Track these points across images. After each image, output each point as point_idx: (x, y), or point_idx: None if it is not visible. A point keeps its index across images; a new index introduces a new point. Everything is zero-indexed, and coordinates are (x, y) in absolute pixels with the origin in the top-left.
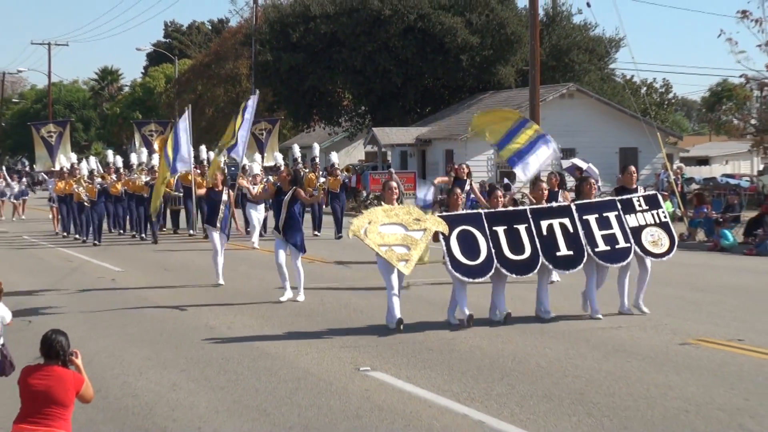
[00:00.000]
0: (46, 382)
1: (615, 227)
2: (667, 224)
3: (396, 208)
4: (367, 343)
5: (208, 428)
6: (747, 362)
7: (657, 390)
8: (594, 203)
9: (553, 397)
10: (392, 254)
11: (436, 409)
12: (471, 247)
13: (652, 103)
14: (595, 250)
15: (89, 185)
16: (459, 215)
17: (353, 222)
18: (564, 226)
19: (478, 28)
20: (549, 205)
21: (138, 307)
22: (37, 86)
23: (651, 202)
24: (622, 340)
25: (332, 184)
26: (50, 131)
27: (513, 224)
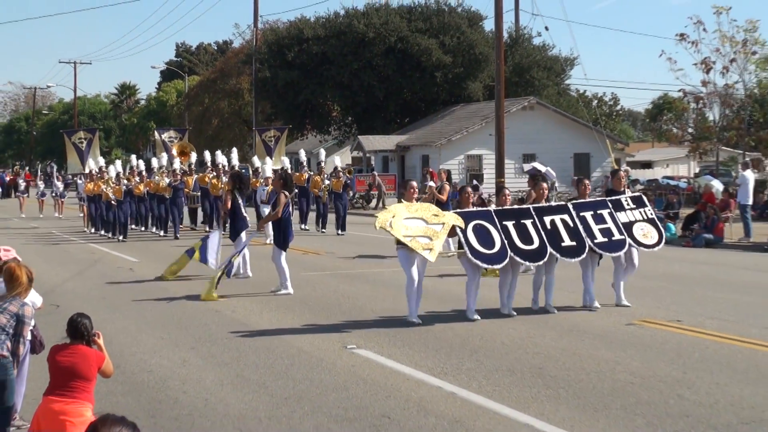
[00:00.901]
0: (71, 359)
1: (609, 222)
2: (654, 220)
3: (415, 205)
4: (353, 324)
5: (214, 399)
6: (684, 340)
7: (606, 365)
8: (588, 202)
9: (515, 371)
10: (417, 244)
11: (413, 382)
12: (486, 238)
13: (602, 114)
14: (594, 242)
15: (116, 186)
16: (472, 212)
17: (378, 216)
18: (565, 221)
19: (450, 48)
20: (549, 204)
21: (152, 294)
22: (64, 99)
23: (637, 202)
24: (575, 321)
25: (335, 185)
26: (80, 138)
27: (520, 220)
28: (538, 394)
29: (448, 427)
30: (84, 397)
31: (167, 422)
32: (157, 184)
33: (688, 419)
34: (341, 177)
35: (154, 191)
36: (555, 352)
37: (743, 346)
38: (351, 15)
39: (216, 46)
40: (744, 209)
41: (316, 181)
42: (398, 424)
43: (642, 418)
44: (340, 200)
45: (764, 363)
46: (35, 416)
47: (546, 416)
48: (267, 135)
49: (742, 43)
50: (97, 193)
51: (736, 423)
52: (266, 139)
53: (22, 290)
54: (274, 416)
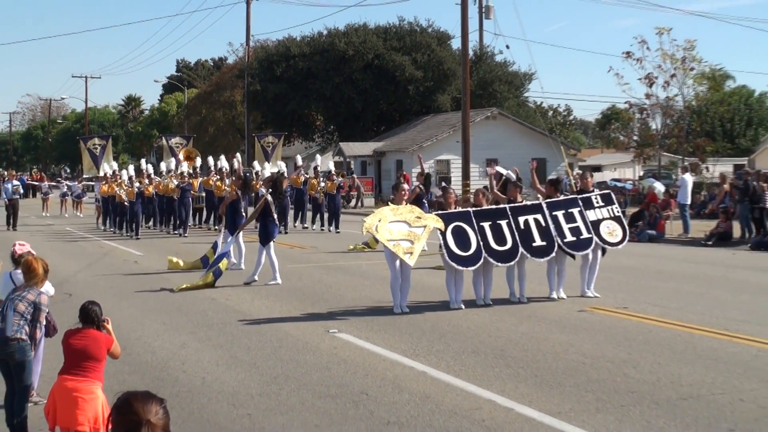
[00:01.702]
0: (83, 342)
1: (579, 221)
2: (620, 218)
3: (401, 208)
4: (335, 310)
5: (210, 378)
6: (630, 325)
7: (561, 347)
8: (561, 201)
9: (479, 353)
10: (399, 248)
11: (389, 362)
12: (463, 240)
13: (557, 123)
14: (564, 241)
15: (129, 188)
16: (452, 213)
17: (366, 220)
18: (537, 221)
19: (421, 65)
20: (524, 203)
21: (155, 284)
22: (76, 110)
23: (606, 199)
24: (533, 308)
25: (329, 187)
26: (95, 144)
27: (496, 220)
28: (500, 373)
29: (419, 402)
30: (95, 376)
31: (169, 398)
32: (166, 186)
33: (633, 395)
34: (335, 179)
35: (163, 193)
36: (515, 335)
37: (682, 330)
38: (333, 34)
39: (212, 62)
40: (683, 208)
41: (313, 183)
42: (375, 399)
43: (592, 394)
44: (333, 201)
45: (701, 345)
46: (51, 393)
47: (507, 392)
48: (265, 141)
49: (681, 61)
50: (111, 195)
51: (675, 398)
52: (264, 145)
53: (39, 280)
54: (264, 393)
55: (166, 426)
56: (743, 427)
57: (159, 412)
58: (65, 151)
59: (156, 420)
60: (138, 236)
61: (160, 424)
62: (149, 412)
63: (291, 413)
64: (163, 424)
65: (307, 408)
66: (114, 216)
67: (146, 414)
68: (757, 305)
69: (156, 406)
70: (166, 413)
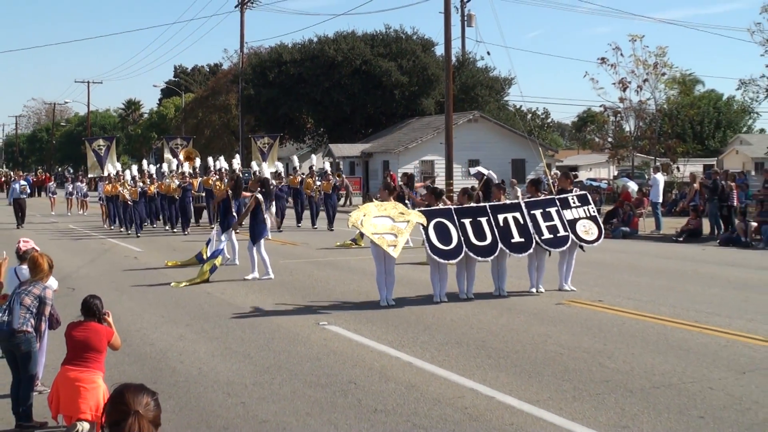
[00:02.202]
0: (85, 334)
1: (556, 219)
2: (596, 218)
3: (385, 204)
4: (325, 304)
5: (206, 368)
6: (605, 317)
7: (539, 338)
8: (539, 201)
9: (462, 344)
10: (383, 240)
11: (376, 353)
12: (444, 235)
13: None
14: (541, 238)
15: (132, 188)
16: (435, 210)
17: (352, 214)
18: (516, 219)
19: (407, 70)
20: (504, 202)
21: (153, 279)
22: (79, 113)
23: (582, 200)
24: (513, 302)
25: (325, 187)
26: (100, 145)
27: (477, 217)
28: (481, 363)
29: (405, 391)
30: (96, 367)
31: (167, 388)
32: (168, 186)
33: (608, 384)
34: (331, 179)
35: (165, 192)
36: (495, 327)
37: (655, 322)
38: (323, 42)
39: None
40: (655, 206)
41: (309, 183)
42: (363, 388)
43: (569, 383)
44: (329, 200)
45: (673, 336)
46: (54, 382)
47: (488, 382)
48: (262, 142)
49: (654, 66)
50: (115, 194)
51: (648, 387)
52: (261, 146)
53: (44, 275)
54: (257, 382)
55: (156, 418)
56: (712, 414)
57: (150, 404)
58: (68, 153)
59: (145, 412)
60: (139, 234)
61: (149, 416)
62: (139, 404)
63: (283, 402)
64: (153, 417)
65: (298, 397)
66: (117, 215)
67: (135, 405)
68: (725, 298)
69: (147, 398)
70: (157, 406)
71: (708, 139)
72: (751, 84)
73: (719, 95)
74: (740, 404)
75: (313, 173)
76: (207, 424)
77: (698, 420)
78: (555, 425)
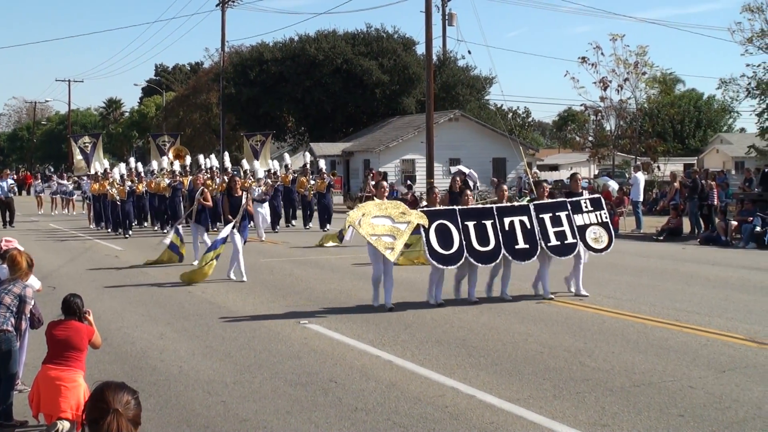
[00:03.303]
0: (66, 333)
1: (565, 225)
2: (607, 224)
3: (386, 203)
4: (305, 302)
5: (187, 367)
6: (585, 316)
7: (520, 337)
8: (549, 204)
9: (443, 342)
10: (380, 243)
11: (357, 352)
12: (446, 238)
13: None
14: (548, 245)
15: (120, 187)
16: (438, 210)
17: (350, 214)
18: (523, 223)
19: (387, 69)
20: (512, 204)
21: (135, 277)
22: (60, 112)
23: (595, 204)
24: (493, 300)
25: (320, 186)
26: (86, 142)
27: (481, 220)
28: (461, 362)
29: (385, 390)
30: (77, 365)
31: (147, 386)
32: (158, 185)
33: (588, 382)
34: (325, 178)
35: (155, 191)
36: (476, 326)
37: (635, 321)
38: (304, 40)
39: (189, 66)
40: (636, 205)
41: (302, 181)
42: (343, 387)
43: (549, 381)
44: (324, 199)
45: (653, 335)
46: (35, 381)
47: (468, 380)
48: (254, 139)
49: (634, 65)
50: (102, 193)
51: (629, 385)
52: (253, 143)
53: (23, 274)
54: (238, 381)
55: (135, 417)
56: (692, 412)
57: (130, 403)
58: (49, 152)
59: (124, 410)
60: (127, 235)
61: (129, 414)
62: (118, 402)
63: (264, 400)
64: (133, 415)
65: (279, 395)
66: (105, 214)
67: (115, 403)
68: (705, 297)
69: (127, 396)
70: (138, 405)
71: (688, 138)
72: (732, 83)
73: (700, 94)
74: (720, 403)
75: (306, 171)
76: (187, 423)
77: (678, 418)
78: (535, 424)
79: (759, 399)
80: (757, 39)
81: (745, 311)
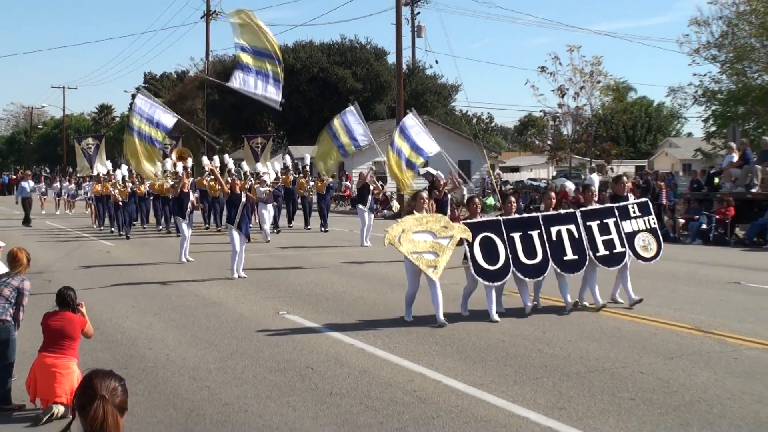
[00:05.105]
0: (60, 323)
1: (613, 233)
2: (656, 230)
3: (426, 216)
4: (284, 294)
5: (174, 354)
6: (543, 308)
7: (483, 326)
8: (596, 210)
9: (411, 332)
10: (422, 261)
11: (332, 340)
12: (491, 252)
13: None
14: (596, 255)
15: (122, 189)
16: (481, 222)
17: (389, 231)
18: (570, 232)
19: (361, 77)
20: (558, 212)
21: (125, 271)
22: (55, 117)
23: (643, 209)
24: (458, 293)
25: (319, 187)
26: (89, 143)
27: (527, 230)
28: (429, 350)
29: (358, 375)
30: (71, 353)
31: (137, 372)
32: (162, 186)
33: (547, 368)
34: (324, 180)
35: (158, 192)
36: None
37: (590, 312)
38: (283, 50)
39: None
40: None
41: (302, 183)
42: (319, 373)
43: (510, 368)
44: (324, 201)
45: (606, 324)
46: (32, 369)
47: (435, 366)
48: (254, 142)
49: (590, 74)
50: (105, 194)
51: (584, 371)
52: (253, 146)
53: (22, 269)
54: (221, 368)
55: (122, 403)
56: (642, 396)
57: (116, 390)
58: (45, 154)
59: (111, 397)
60: (129, 236)
61: (115, 401)
62: (105, 389)
63: (245, 386)
64: (119, 401)
65: (259, 381)
66: (108, 214)
67: (102, 390)
68: (655, 289)
69: (114, 383)
70: (124, 391)
71: (640, 142)
72: (680, 91)
73: (650, 101)
74: (668, 387)
75: (306, 173)
76: (174, 407)
77: (629, 402)
78: (497, 407)
79: (704, 383)
80: (704, 50)
81: (692, 302)
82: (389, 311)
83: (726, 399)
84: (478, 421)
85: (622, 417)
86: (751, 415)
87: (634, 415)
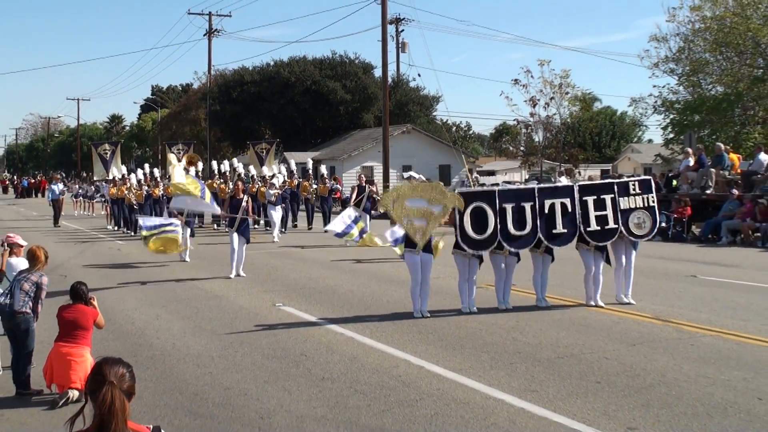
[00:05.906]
0: (74, 315)
1: (608, 209)
2: (653, 208)
3: (421, 185)
4: (281, 288)
5: (179, 343)
6: (516, 299)
7: (460, 317)
8: (595, 185)
9: (396, 322)
10: (411, 227)
11: (324, 329)
12: (480, 222)
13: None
14: (587, 229)
15: (138, 192)
16: (475, 192)
17: (383, 197)
18: (564, 205)
19: (350, 89)
20: (555, 185)
21: (135, 268)
22: (69, 126)
23: (644, 187)
24: (439, 285)
25: (321, 190)
26: (105, 149)
27: (521, 202)
28: (412, 338)
29: (348, 362)
30: (84, 343)
31: (145, 360)
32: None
33: (520, 355)
34: (327, 183)
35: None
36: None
37: (560, 302)
38: (279, 65)
39: (180, 87)
40: None
41: (305, 185)
42: (312, 359)
43: (487, 354)
44: (326, 203)
45: (575, 315)
46: (48, 357)
47: (418, 353)
48: (259, 147)
49: (559, 86)
50: (120, 197)
51: (554, 357)
52: (258, 151)
53: (41, 265)
54: (223, 355)
55: (129, 388)
56: (607, 379)
57: (125, 376)
58: (61, 160)
59: (119, 382)
60: None
61: (123, 386)
62: (114, 375)
63: (244, 371)
64: (127, 387)
65: (257, 367)
66: (123, 216)
67: (110, 376)
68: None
69: (122, 369)
70: (132, 377)
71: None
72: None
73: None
74: (631, 371)
75: (308, 176)
76: (179, 391)
77: (596, 384)
78: (475, 390)
79: (663, 368)
80: (663, 64)
81: (652, 294)
82: (377, 303)
83: (683, 382)
84: (457, 403)
85: (589, 399)
86: (707, 396)
87: (599, 397)
